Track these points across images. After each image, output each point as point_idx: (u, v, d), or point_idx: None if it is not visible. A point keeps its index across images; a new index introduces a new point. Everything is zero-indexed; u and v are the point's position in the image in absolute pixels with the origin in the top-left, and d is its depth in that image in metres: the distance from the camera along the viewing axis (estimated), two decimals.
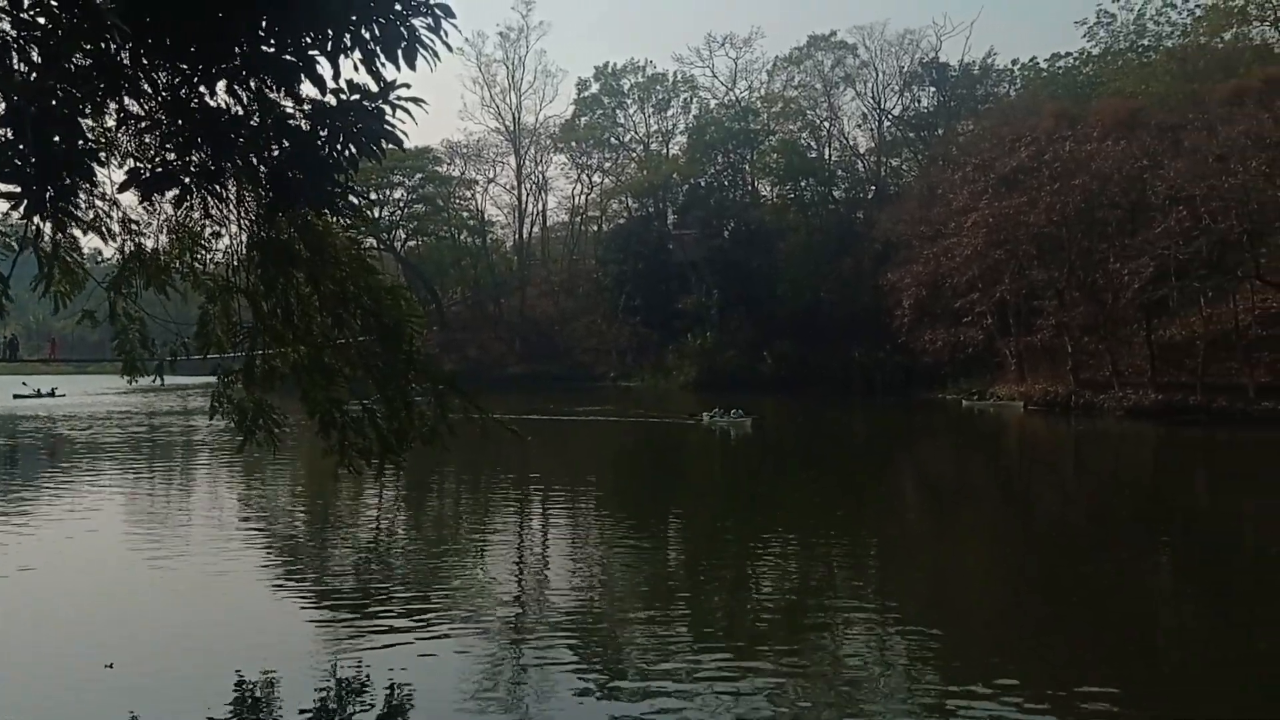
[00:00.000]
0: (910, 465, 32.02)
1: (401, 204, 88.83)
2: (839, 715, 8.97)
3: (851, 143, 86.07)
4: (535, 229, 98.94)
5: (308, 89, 6.68)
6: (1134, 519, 21.01)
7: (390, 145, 6.90)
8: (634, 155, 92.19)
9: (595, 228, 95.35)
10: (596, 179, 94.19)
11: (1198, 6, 64.05)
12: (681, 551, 17.31)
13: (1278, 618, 12.91)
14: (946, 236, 53.06)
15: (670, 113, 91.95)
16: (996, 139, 54.85)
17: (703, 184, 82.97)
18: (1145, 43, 69.90)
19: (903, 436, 41.32)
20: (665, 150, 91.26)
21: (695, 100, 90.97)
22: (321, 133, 6.79)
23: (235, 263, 8.84)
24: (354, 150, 6.77)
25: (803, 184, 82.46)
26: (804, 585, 14.21)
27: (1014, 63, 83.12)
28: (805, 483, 26.74)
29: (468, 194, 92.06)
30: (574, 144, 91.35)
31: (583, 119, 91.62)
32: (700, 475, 29.47)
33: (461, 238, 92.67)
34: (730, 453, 34.05)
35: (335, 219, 8.57)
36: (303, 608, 12.56)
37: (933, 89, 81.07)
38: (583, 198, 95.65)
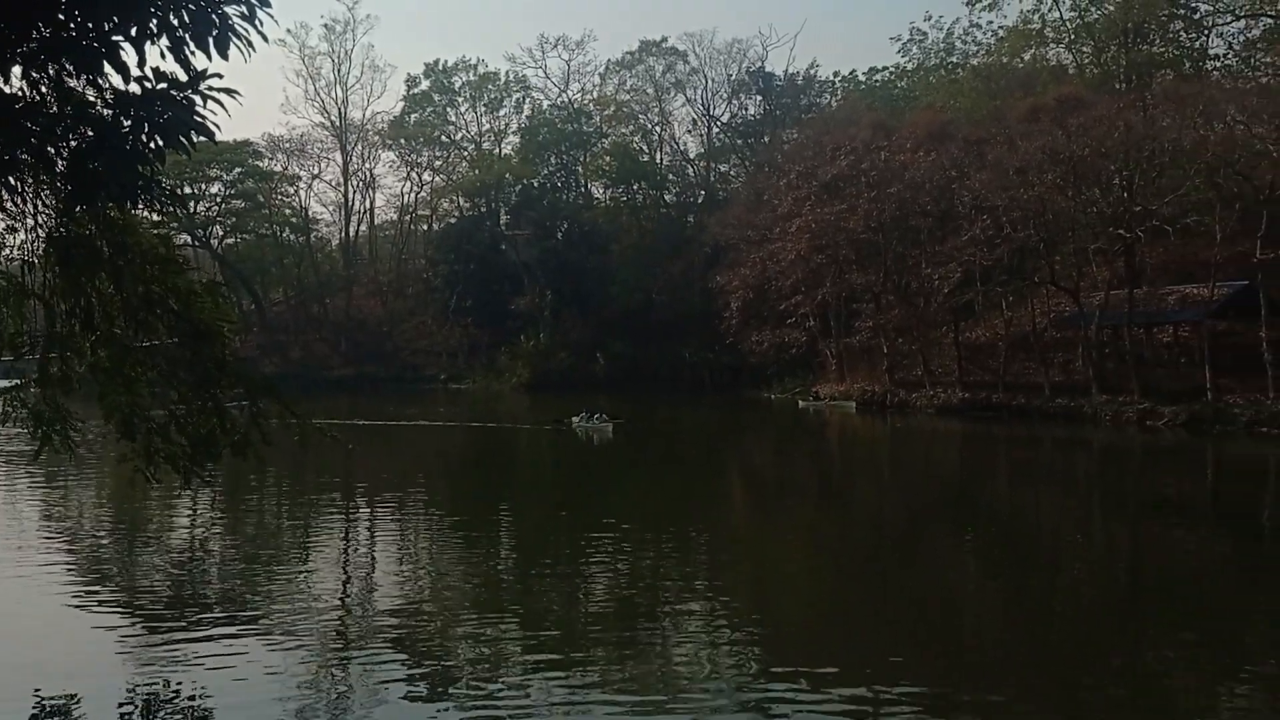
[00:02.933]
0: (737, 461, 32.85)
1: (219, 199, 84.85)
2: (668, 711, 9.12)
3: (682, 148, 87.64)
4: (363, 227, 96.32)
5: (111, 77, 6.34)
6: (944, 511, 22.21)
7: (201, 138, 6.61)
8: (466, 154, 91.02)
9: (426, 227, 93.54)
10: (427, 177, 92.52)
11: (1000, 28, 68.22)
12: (512, 553, 17.24)
13: (1073, 603, 13.92)
14: (772, 241, 54.67)
15: (503, 112, 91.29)
16: (818, 147, 56.84)
17: (536, 185, 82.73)
18: (954, 60, 73.90)
19: (733, 434, 42.34)
20: (498, 150, 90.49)
21: (528, 100, 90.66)
22: (125, 123, 6.45)
23: (32, 261, 8.28)
24: (161, 142, 6.45)
25: (635, 187, 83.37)
26: (634, 582, 14.39)
27: (835, 75, 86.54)
28: (640, 481, 27.07)
29: (290, 190, 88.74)
30: (403, 141, 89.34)
31: (412, 116, 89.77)
32: (532, 478, 29.41)
33: (284, 235, 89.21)
34: (562, 454, 34.10)
35: (141, 214, 8.13)
36: (109, 623, 11.86)
37: (759, 97, 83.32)
38: (412, 196, 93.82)
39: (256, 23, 6.43)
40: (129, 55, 6.19)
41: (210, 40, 6.28)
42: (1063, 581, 15.14)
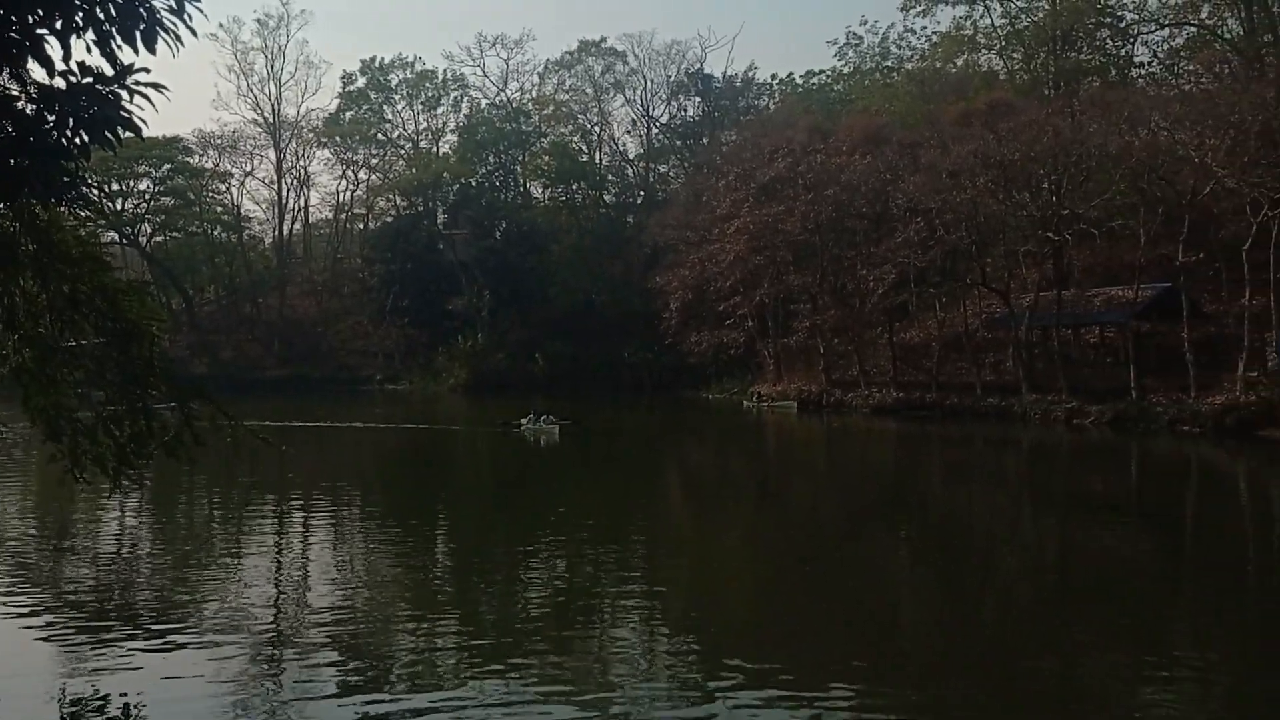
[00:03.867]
0: (676, 461, 32.97)
1: (148, 196, 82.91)
2: (606, 711, 9.13)
3: (621, 148, 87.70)
4: (297, 226, 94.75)
5: (35, 71, 6.18)
6: (879, 510, 22.54)
7: (128, 133, 6.47)
8: (402, 152, 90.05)
9: (362, 226, 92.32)
10: (363, 175, 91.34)
11: (934, 34, 69.32)
12: (449, 555, 17.13)
13: (1005, 599, 14.23)
14: (711, 242, 54.95)
15: (440, 111, 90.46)
16: (756, 149, 57.26)
17: (474, 184, 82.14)
18: (889, 65, 74.94)
19: (673, 434, 42.48)
20: (435, 149, 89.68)
21: (466, 99, 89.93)
22: (49, 118, 6.29)
23: None
24: (86, 137, 6.29)
25: (574, 187, 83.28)
26: (573, 582, 14.38)
27: (773, 77, 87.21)
28: (581, 482, 27.04)
29: (222, 187, 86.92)
30: (338, 139, 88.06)
31: (348, 113, 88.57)
32: (471, 479, 29.23)
33: (215, 233, 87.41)
34: (503, 455, 33.95)
35: (66, 212, 7.93)
36: (35, 628, 11.53)
37: (698, 99, 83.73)
38: (348, 194, 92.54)
39: (185, 17, 6.31)
40: (53, 49, 6.04)
41: (137, 34, 6.14)
42: (995, 578, 15.46)
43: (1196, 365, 34.61)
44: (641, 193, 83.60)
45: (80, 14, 5.98)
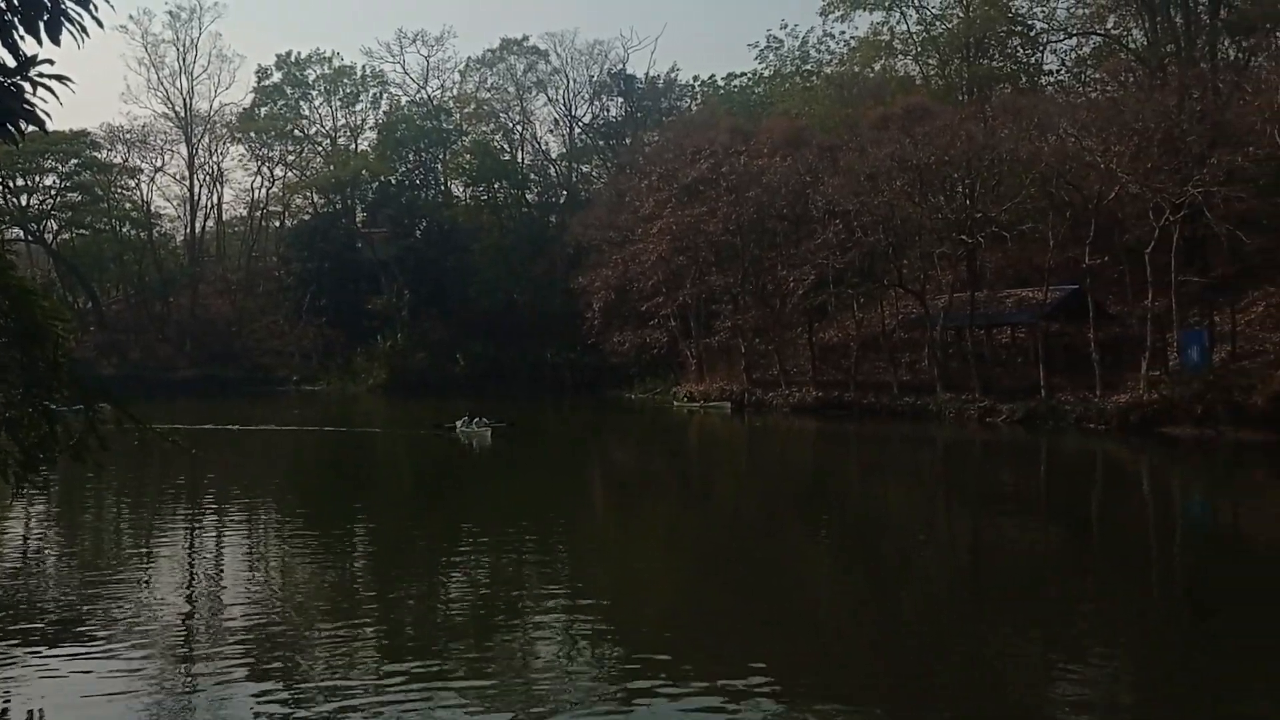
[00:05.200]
0: (599, 462, 32.98)
1: (53, 192, 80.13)
2: (528, 714, 9.10)
3: (544, 147, 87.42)
4: (210, 223, 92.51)
5: None
6: (799, 508, 22.83)
7: (31, 127, 6.25)
8: (320, 149, 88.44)
9: (278, 224, 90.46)
10: (279, 172, 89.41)
11: (852, 39, 70.52)
12: (368, 559, 16.89)
13: (920, 594, 14.53)
14: (634, 242, 55.08)
15: (359, 107, 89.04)
16: (679, 150, 57.56)
17: (394, 182, 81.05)
18: (808, 68, 75.96)
19: (596, 434, 42.46)
20: (354, 146, 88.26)
21: (386, 96, 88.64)
22: None
23: None
24: None
25: (496, 186, 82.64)
26: (494, 584, 14.28)
27: (695, 79, 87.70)
28: (503, 483, 26.86)
29: (131, 183, 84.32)
30: (253, 134, 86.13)
31: (263, 109, 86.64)
32: (389, 483, 28.84)
33: (124, 231, 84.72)
34: (422, 458, 33.59)
35: None
36: None
37: (620, 99, 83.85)
38: (263, 191, 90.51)
39: (91, 7, 6.11)
40: None
41: (40, 24, 5.94)
42: (910, 573, 15.78)
43: (1102, 365, 35.75)
44: (564, 192, 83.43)
45: None
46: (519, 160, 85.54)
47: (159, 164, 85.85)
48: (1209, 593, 14.34)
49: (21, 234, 74.03)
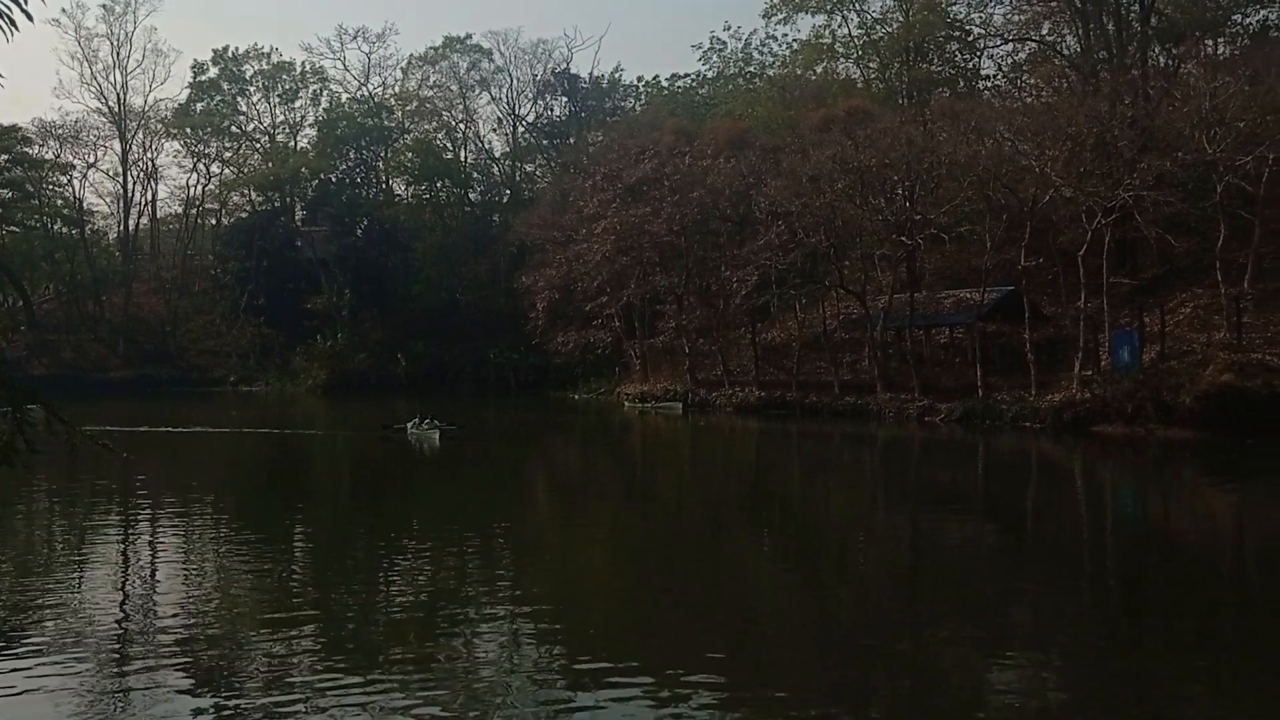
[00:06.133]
0: (542, 463, 32.87)
1: None
2: (466, 715, 9.05)
3: (487, 146, 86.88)
4: (144, 221, 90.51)
5: None
6: (742, 507, 22.99)
7: None
8: (258, 146, 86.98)
9: (214, 221, 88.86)
10: (215, 169, 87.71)
11: (794, 41, 71.05)
12: (307, 563, 16.66)
13: (860, 591, 14.71)
14: (578, 242, 54.95)
15: (299, 104, 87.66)
16: (623, 151, 57.59)
17: (334, 180, 79.99)
18: (751, 70, 76.43)
19: (539, 435, 42.29)
20: (293, 143, 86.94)
21: (326, 93, 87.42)
22: None
23: None
24: None
25: (438, 184, 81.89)
26: (435, 588, 14.18)
27: (639, 79, 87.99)
28: (446, 485, 26.67)
29: (63, 180, 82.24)
30: (189, 130, 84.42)
31: (199, 104, 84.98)
32: (329, 486, 28.48)
33: (55, 228, 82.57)
34: (363, 460, 33.22)
35: None
36: None
37: (564, 98, 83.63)
38: (199, 189, 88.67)
39: (21, 1, 5.97)
40: None
41: None
42: (851, 570, 15.98)
43: (1037, 365, 36.42)
44: (507, 191, 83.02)
45: None
46: (462, 159, 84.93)
47: (92, 160, 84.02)
48: (1140, 589, 14.72)
49: None
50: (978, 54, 60.97)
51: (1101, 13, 48.63)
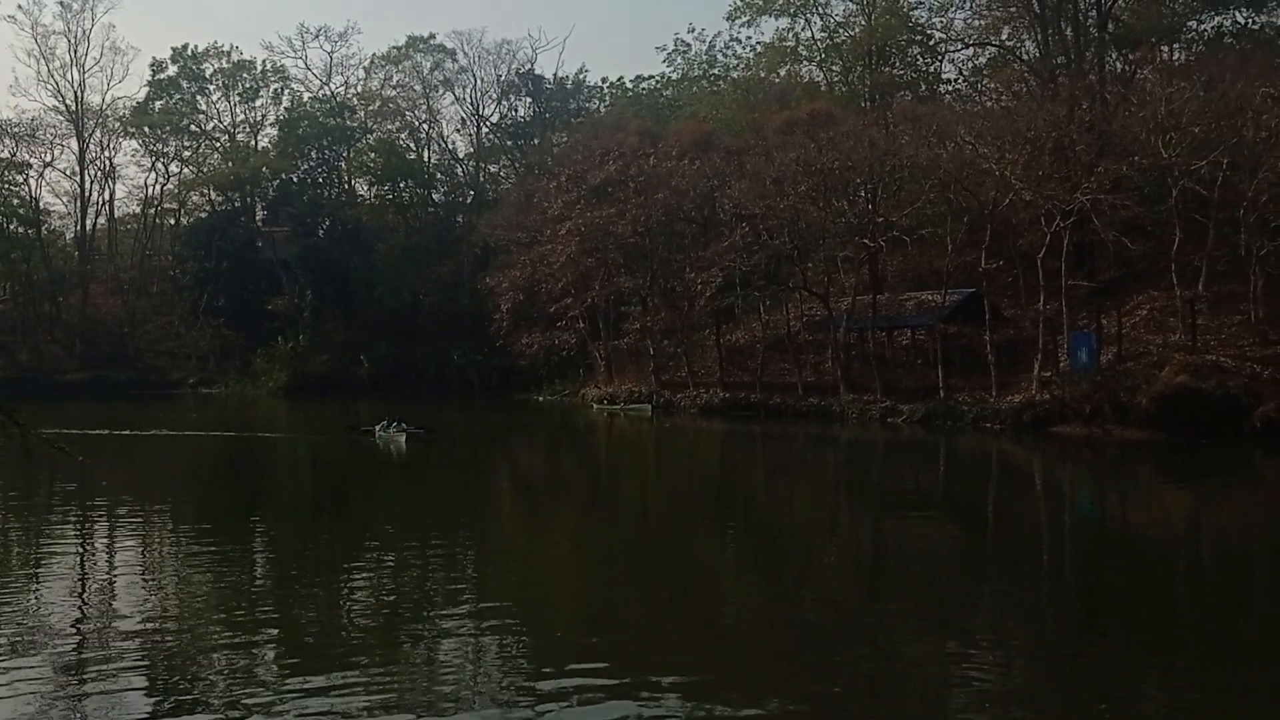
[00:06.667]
0: (506, 464, 32.75)
1: None
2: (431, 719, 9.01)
3: (451, 147, 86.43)
4: (101, 220, 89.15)
5: None
6: (707, 508, 23.05)
7: None
8: (218, 145, 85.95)
9: (173, 221, 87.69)
10: (174, 169, 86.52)
11: (758, 44, 71.32)
12: (268, 567, 16.48)
13: (823, 592, 14.80)
14: (542, 243, 54.82)
15: (259, 103, 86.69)
16: (588, 152, 57.55)
17: (295, 180, 79.24)
18: (715, 72, 76.60)
19: (504, 437, 42.12)
20: (254, 142, 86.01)
21: (287, 92, 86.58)
22: None
23: None
24: None
25: (401, 185, 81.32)
26: (399, 591, 14.09)
27: (604, 80, 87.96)
28: (409, 488, 26.50)
29: (19, 179, 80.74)
30: (147, 129, 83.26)
31: (158, 103, 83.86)
32: (292, 489, 28.20)
33: (11, 227, 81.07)
34: (325, 463, 32.93)
35: None
36: None
37: (529, 99, 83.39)
38: (158, 188, 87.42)
39: None
40: None
41: None
42: (815, 571, 16.08)
43: (997, 366, 36.86)
44: (471, 192, 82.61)
45: None
46: (425, 159, 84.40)
47: (48, 159, 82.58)
48: (1097, 588, 14.91)
49: None
50: (939, 58, 61.66)
51: (1060, 19, 49.26)
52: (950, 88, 61.43)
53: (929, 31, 60.30)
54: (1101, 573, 15.93)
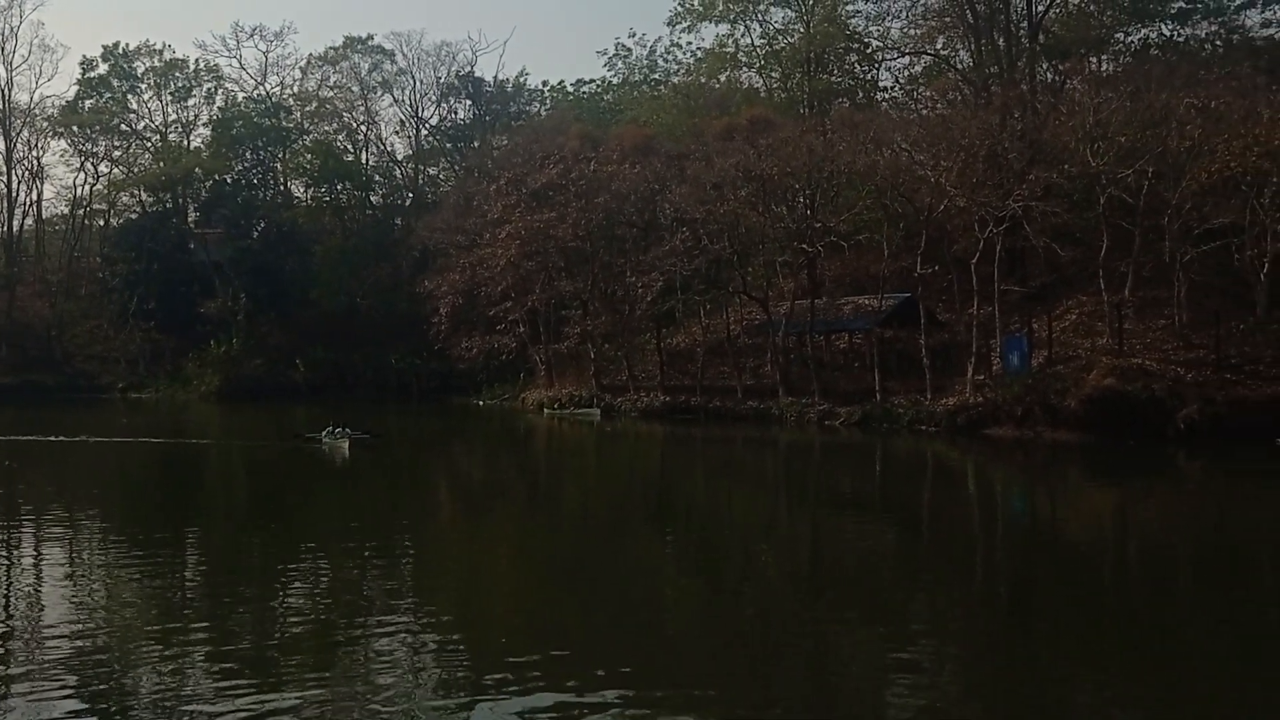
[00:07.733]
0: (444, 470, 32.52)
1: None
2: None
3: (389, 149, 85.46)
4: (28, 221, 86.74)
5: None
6: (647, 511, 23.12)
7: None
8: (149, 145, 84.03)
9: (102, 223, 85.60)
10: (104, 169, 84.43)
11: (698, 49, 71.66)
12: (200, 576, 16.18)
13: (762, 593, 14.93)
14: (482, 247, 54.47)
15: (192, 102, 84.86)
16: (528, 155, 57.36)
17: (229, 181, 77.76)
18: (656, 77, 76.91)
19: (444, 442, 41.81)
20: (186, 142, 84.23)
21: (221, 91, 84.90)
22: None
23: None
24: None
25: (338, 187, 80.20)
26: (335, 599, 13.92)
27: (544, 84, 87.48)
28: (347, 494, 26.19)
29: None
30: (76, 129, 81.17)
31: (87, 102, 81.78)
32: (224, 497, 27.71)
33: None
34: (258, 470, 32.39)
35: None
36: None
37: (469, 102, 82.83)
38: (87, 189, 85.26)
39: None
40: None
41: None
42: (753, 572, 16.21)
43: (932, 370, 37.43)
44: (410, 195, 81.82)
45: None
46: (363, 161, 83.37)
47: None
48: (1028, 586, 15.26)
49: None
50: (876, 66, 62.51)
51: (993, 29, 50.27)
52: (887, 95, 62.39)
53: (866, 40, 61.12)
54: (1032, 570, 16.29)
